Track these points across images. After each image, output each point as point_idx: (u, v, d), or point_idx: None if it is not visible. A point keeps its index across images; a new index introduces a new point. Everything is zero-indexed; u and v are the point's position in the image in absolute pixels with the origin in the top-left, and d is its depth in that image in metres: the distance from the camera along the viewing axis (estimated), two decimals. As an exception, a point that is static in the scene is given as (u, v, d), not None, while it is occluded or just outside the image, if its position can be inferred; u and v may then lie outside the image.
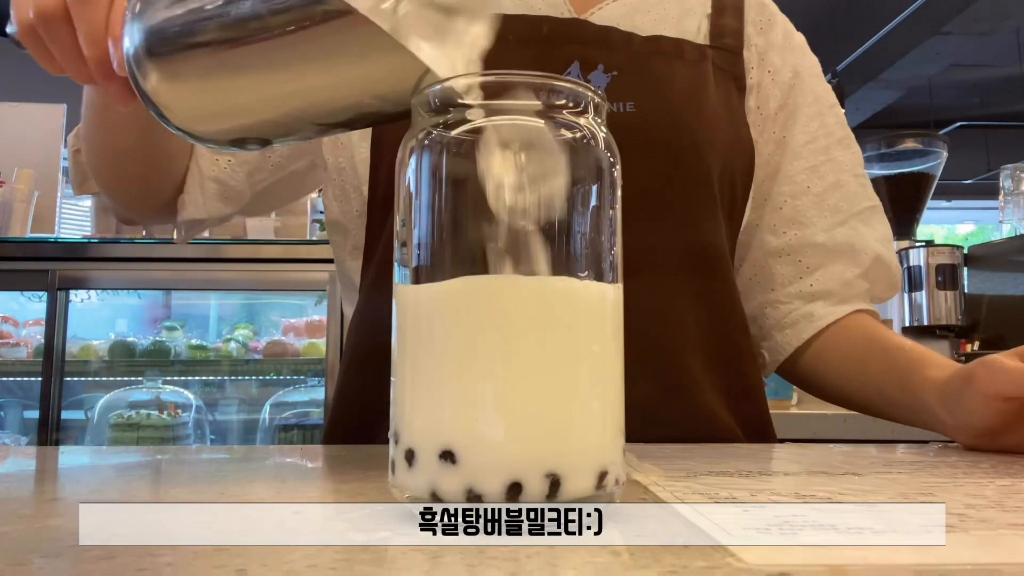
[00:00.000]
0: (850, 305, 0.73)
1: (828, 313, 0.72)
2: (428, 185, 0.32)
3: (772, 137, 0.76)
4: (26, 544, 0.29)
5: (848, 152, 0.77)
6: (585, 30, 0.69)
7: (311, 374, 2.36)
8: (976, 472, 0.46)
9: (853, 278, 0.73)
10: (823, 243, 0.73)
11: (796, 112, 0.76)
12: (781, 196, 0.75)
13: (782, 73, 0.77)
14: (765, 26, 0.78)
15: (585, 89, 0.33)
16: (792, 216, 0.75)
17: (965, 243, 2.11)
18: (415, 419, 0.32)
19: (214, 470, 0.50)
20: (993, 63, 6.02)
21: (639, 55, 0.69)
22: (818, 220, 0.74)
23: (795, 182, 0.75)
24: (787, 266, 0.75)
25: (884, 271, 0.74)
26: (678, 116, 0.68)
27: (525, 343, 0.31)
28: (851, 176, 0.76)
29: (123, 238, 2.12)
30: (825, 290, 0.73)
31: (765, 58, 0.77)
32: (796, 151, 0.75)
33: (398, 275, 0.34)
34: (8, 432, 2.31)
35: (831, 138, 0.76)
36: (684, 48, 0.71)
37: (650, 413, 0.61)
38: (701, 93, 0.71)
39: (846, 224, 0.74)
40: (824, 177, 0.75)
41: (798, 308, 0.74)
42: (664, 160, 0.67)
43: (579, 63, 0.68)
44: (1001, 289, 2.08)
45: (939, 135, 2.09)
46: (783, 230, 0.75)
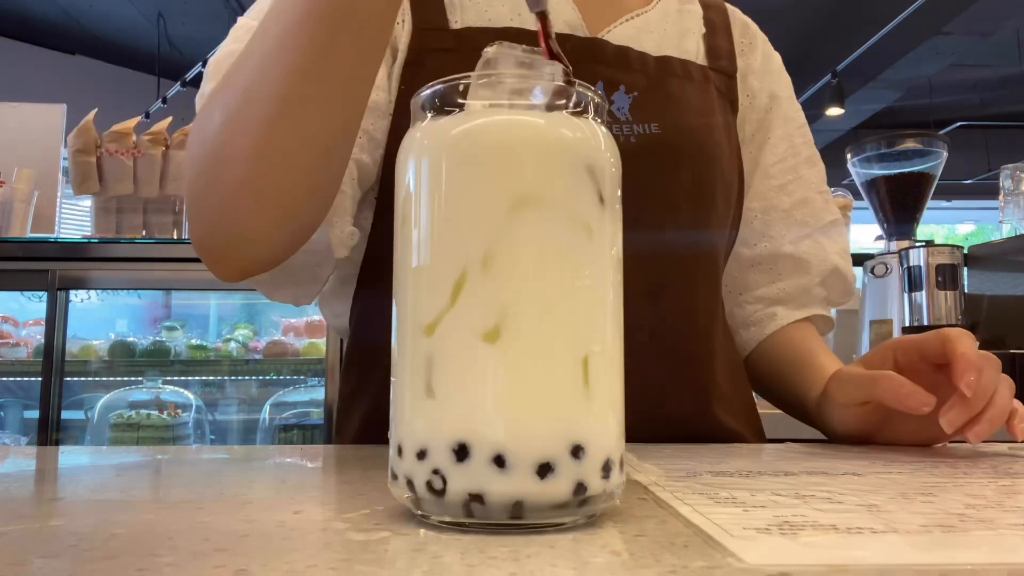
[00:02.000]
0: (808, 310, 0.79)
1: (787, 315, 0.79)
2: (427, 184, 0.32)
3: (749, 157, 0.80)
4: (26, 544, 0.29)
5: (814, 170, 0.82)
6: (605, 50, 0.71)
7: (311, 374, 2.36)
8: (976, 472, 0.46)
9: (812, 286, 0.79)
10: (790, 253, 0.79)
11: (769, 134, 0.81)
12: (752, 212, 0.80)
13: (760, 97, 0.81)
14: (747, 48, 0.82)
15: (586, 89, 0.34)
16: (762, 230, 0.80)
17: (965, 243, 2.11)
18: (416, 418, 0.32)
19: (214, 470, 0.50)
20: (993, 63, 6.03)
21: (654, 75, 0.72)
22: (786, 233, 0.79)
23: (765, 199, 0.80)
24: (759, 274, 0.80)
25: (840, 280, 0.80)
26: (696, 136, 0.72)
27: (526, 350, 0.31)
28: (816, 193, 0.81)
29: (123, 238, 2.12)
30: (787, 296, 0.79)
31: (745, 81, 0.80)
32: (766, 170, 0.80)
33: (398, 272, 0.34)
34: (8, 432, 2.31)
35: (798, 158, 0.81)
36: (691, 69, 0.74)
37: (687, 429, 0.65)
38: (710, 113, 0.74)
39: (810, 237, 0.80)
40: (792, 194, 0.80)
41: (762, 309, 0.79)
42: (687, 178, 0.71)
43: (603, 83, 0.69)
44: (1001, 289, 2.07)
45: (939, 135, 2.09)
46: (754, 242, 0.80)
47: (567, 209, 0.32)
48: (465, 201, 0.32)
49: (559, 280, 0.31)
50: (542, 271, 0.31)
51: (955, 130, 6.90)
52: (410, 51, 0.68)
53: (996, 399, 0.53)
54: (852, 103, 6.07)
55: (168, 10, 5.73)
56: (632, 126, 0.69)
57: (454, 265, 0.31)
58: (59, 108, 2.39)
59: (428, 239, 0.32)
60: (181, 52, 6.14)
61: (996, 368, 0.54)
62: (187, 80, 5.69)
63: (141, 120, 2.29)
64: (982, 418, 0.52)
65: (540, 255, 0.31)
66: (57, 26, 5.89)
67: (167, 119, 2.33)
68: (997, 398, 0.53)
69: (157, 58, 6.05)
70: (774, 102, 0.81)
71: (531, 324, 0.31)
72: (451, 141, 0.32)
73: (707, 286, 0.72)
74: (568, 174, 0.32)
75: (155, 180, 2.16)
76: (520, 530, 0.30)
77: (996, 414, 0.52)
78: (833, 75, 5.54)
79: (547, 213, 0.31)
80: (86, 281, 2.01)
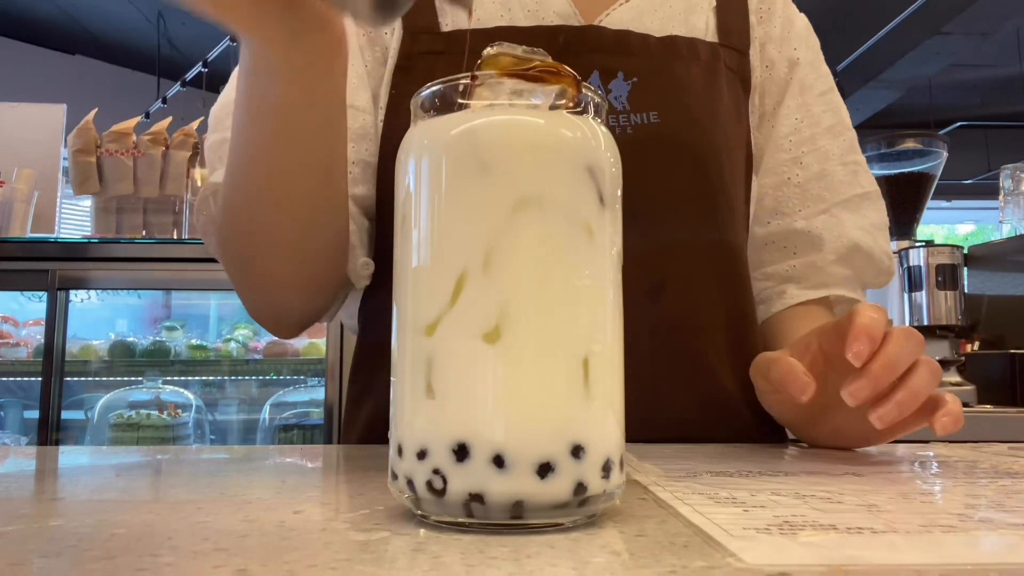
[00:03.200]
0: (826, 289, 0.73)
1: (798, 295, 0.73)
2: (427, 184, 0.32)
3: (766, 132, 0.76)
4: (26, 544, 0.29)
5: (837, 140, 0.75)
6: (602, 36, 0.69)
7: (311, 374, 2.36)
8: (976, 472, 0.46)
9: (826, 263, 0.73)
10: (802, 229, 0.73)
11: (781, 105, 0.76)
12: (763, 188, 0.75)
13: (778, 67, 0.76)
14: (765, 15, 0.77)
15: (587, 90, 0.33)
16: (774, 207, 0.75)
17: (965, 243, 2.11)
18: (416, 418, 0.32)
19: (214, 470, 0.50)
20: (993, 63, 6.02)
21: (657, 59, 0.69)
22: (800, 209, 0.74)
23: (777, 174, 0.75)
24: (774, 252, 0.75)
25: (865, 258, 0.73)
26: (699, 124, 0.68)
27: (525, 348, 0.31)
28: (838, 165, 0.74)
29: (123, 238, 2.12)
30: (799, 274, 0.73)
31: (764, 51, 0.76)
32: (778, 143, 0.75)
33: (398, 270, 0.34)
34: (8, 432, 2.31)
35: (817, 127, 0.75)
36: (698, 48, 0.71)
37: (688, 428, 0.63)
38: (717, 96, 0.71)
39: (827, 212, 0.73)
40: (808, 167, 0.74)
41: (774, 287, 0.75)
42: (689, 168, 0.68)
43: (599, 72, 0.67)
44: (1001, 289, 2.07)
45: (939, 135, 2.09)
46: (767, 220, 0.75)
47: (567, 209, 0.32)
48: (465, 201, 0.32)
49: (559, 280, 0.31)
50: (542, 271, 0.31)
51: (955, 130, 6.90)
52: (400, 54, 0.68)
53: (910, 380, 0.47)
54: (852, 103, 6.06)
55: (168, 10, 5.73)
56: (630, 116, 0.66)
57: (454, 265, 0.31)
58: (59, 108, 2.39)
59: (428, 239, 0.32)
60: (181, 52, 6.14)
61: (913, 342, 0.47)
62: (187, 80, 5.69)
63: (141, 120, 2.29)
64: (890, 398, 0.46)
65: (540, 255, 0.31)
66: (57, 26, 5.89)
67: (167, 119, 2.33)
68: (912, 379, 0.47)
69: (157, 58, 6.05)
70: (793, 71, 0.76)
71: (531, 324, 0.31)
72: (451, 141, 0.32)
73: (712, 282, 0.69)
74: (568, 174, 0.32)
75: (155, 180, 2.16)
76: (520, 530, 0.30)
77: (907, 396, 0.46)
78: (833, 75, 5.54)
79: (547, 213, 0.31)
80: (86, 281, 2.01)
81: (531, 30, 0.68)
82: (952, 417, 0.47)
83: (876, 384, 0.46)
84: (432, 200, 0.32)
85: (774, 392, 0.57)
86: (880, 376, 0.46)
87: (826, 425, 0.58)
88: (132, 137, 2.17)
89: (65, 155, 2.23)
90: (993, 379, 1.92)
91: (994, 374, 1.93)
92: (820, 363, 0.53)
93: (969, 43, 5.25)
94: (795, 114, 0.75)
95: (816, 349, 0.54)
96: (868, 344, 0.46)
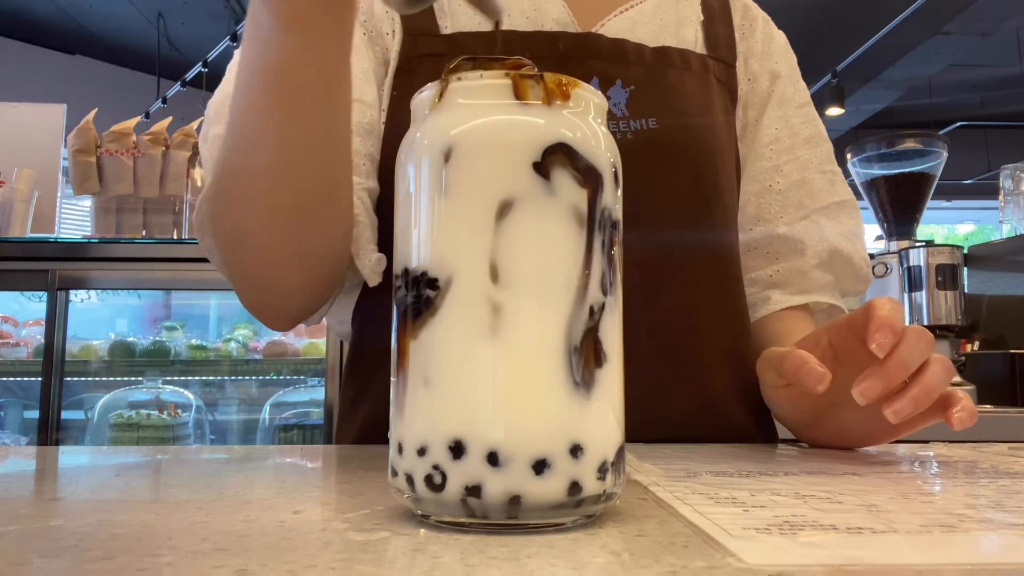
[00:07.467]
0: (809, 296, 0.74)
1: (783, 300, 0.74)
2: (427, 184, 0.32)
3: (748, 142, 0.78)
4: (26, 544, 0.29)
5: (815, 150, 0.78)
6: (600, 44, 0.70)
7: (311, 374, 2.36)
8: (976, 472, 0.46)
9: (808, 268, 0.74)
10: (784, 234, 0.75)
11: (762, 116, 0.78)
12: (746, 196, 0.77)
13: (760, 80, 0.79)
14: (747, 31, 0.79)
15: (585, 89, 0.34)
16: (756, 214, 0.76)
17: (965, 243, 2.11)
18: (415, 416, 0.32)
19: (214, 470, 0.50)
20: (993, 63, 6.03)
21: (652, 67, 0.70)
22: (782, 215, 0.76)
23: (759, 181, 0.77)
24: (757, 258, 0.76)
25: (846, 264, 0.75)
26: (695, 130, 0.70)
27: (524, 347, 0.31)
28: (817, 173, 0.76)
29: (123, 238, 2.12)
30: (783, 279, 0.75)
31: (747, 65, 0.79)
32: (759, 152, 0.77)
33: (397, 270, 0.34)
34: (8, 432, 2.31)
35: (796, 138, 0.77)
36: (690, 59, 0.73)
37: (687, 429, 0.64)
38: (709, 105, 0.72)
39: (808, 218, 0.75)
40: (788, 176, 0.76)
41: (757, 292, 0.76)
42: (687, 172, 0.69)
43: (598, 79, 0.68)
44: (1001, 289, 2.08)
45: (939, 135, 2.09)
46: (750, 227, 0.77)
47: (567, 208, 0.31)
48: (464, 200, 0.32)
49: (558, 280, 0.31)
50: (541, 271, 0.31)
51: (955, 130, 6.90)
52: (401, 57, 0.68)
53: (924, 376, 0.47)
54: (852, 103, 6.06)
55: (168, 10, 5.73)
56: (629, 122, 0.68)
57: (454, 264, 0.31)
58: (59, 108, 2.39)
59: (428, 239, 0.32)
60: (181, 52, 6.15)
61: (925, 342, 0.48)
62: (187, 80, 5.69)
63: (141, 120, 2.29)
64: (905, 394, 0.46)
65: (540, 254, 0.31)
66: (57, 26, 5.89)
67: (167, 119, 2.33)
68: (926, 375, 0.47)
69: (157, 58, 6.06)
70: (774, 82, 0.78)
71: (530, 324, 0.31)
72: (451, 141, 0.32)
73: (710, 284, 0.70)
74: (568, 173, 0.32)
75: (155, 180, 2.16)
76: (520, 530, 0.30)
77: (922, 392, 0.46)
78: (833, 75, 5.54)
79: (547, 212, 0.31)
80: (86, 281, 2.01)
81: (532, 35, 0.69)
82: (968, 412, 0.47)
83: (888, 383, 0.46)
84: (432, 200, 0.32)
85: (784, 386, 0.58)
86: (892, 374, 0.46)
87: (830, 423, 0.58)
88: (132, 137, 2.17)
89: (65, 155, 2.23)
90: (993, 379, 1.92)
91: (994, 374, 1.93)
92: (829, 359, 0.53)
93: (969, 43, 5.25)
94: (775, 124, 0.78)
95: (826, 344, 0.54)
96: (891, 335, 0.46)
